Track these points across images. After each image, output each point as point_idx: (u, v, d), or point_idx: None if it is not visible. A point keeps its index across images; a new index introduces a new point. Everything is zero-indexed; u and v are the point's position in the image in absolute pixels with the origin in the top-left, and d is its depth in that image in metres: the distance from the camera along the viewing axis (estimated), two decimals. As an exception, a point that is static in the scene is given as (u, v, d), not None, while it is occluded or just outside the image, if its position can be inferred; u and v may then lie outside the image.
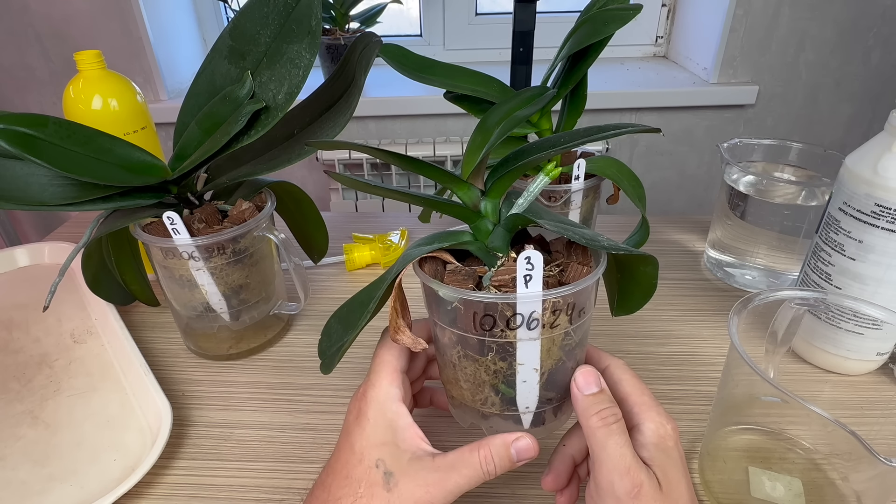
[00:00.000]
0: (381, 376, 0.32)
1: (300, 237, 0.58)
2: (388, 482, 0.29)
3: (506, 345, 0.29)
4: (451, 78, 0.54)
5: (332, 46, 1.17)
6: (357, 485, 0.29)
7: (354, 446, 0.31)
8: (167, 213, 0.42)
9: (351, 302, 0.36)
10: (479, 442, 0.30)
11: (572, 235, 0.29)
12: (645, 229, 0.52)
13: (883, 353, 0.44)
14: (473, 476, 0.29)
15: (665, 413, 0.31)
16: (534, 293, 0.28)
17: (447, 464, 0.29)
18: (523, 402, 0.31)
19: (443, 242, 0.32)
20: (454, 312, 0.30)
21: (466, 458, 0.29)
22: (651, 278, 0.33)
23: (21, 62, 1.22)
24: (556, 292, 0.28)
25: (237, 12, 0.45)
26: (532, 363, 0.30)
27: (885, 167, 0.41)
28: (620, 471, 0.28)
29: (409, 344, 0.32)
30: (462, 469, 0.29)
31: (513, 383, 0.30)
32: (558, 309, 0.29)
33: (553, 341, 0.30)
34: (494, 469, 0.30)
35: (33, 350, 0.53)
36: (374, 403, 0.31)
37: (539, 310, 0.28)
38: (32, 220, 1.44)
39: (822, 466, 0.39)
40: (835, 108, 1.29)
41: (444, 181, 0.32)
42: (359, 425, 0.31)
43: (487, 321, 0.29)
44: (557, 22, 1.10)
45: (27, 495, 0.39)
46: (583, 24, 0.49)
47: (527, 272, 0.27)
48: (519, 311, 0.28)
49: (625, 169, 0.52)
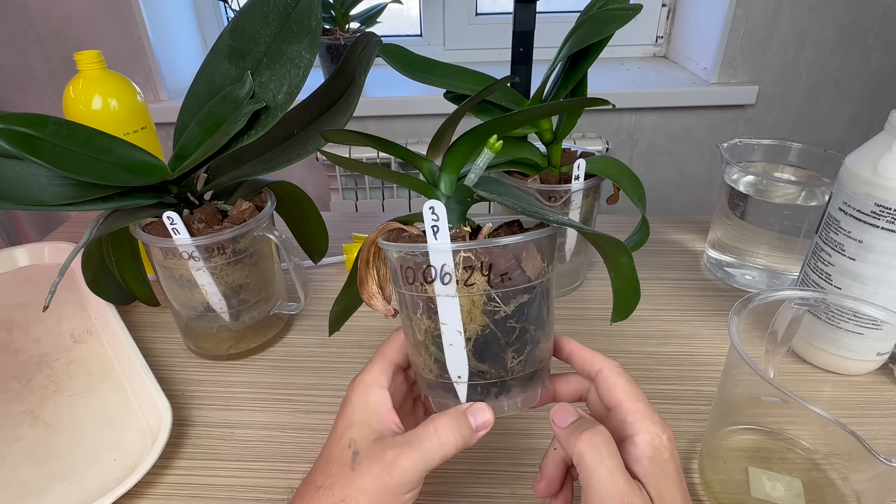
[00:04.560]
0: (374, 364, 0.33)
1: (300, 237, 0.58)
2: (353, 461, 0.29)
3: (427, 300, 0.30)
4: (451, 78, 0.54)
5: (332, 46, 1.17)
6: (331, 465, 0.30)
7: (337, 427, 0.31)
8: (167, 213, 0.42)
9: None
10: (434, 415, 0.30)
11: (509, 203, 0.30)
12: (645, 229, 0.52)
13: (883, 353, 0.44)
14: (430, 449, 0.28)
15: (661, 421, 0.30)
16: (441, 244, 0.29)
17: (403, 440, 0.29)
18: (454, 368, 0.31)
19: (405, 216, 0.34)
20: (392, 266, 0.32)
21: (421, 433, 0.29)
22: (630, 270, 0.33)
23: (21, 62, 1.22)
24: (464, 246, 0.29)
25: (237, 12, 0.45)
26: (454, 324, 0.30)
27: (885, 167, 0.41)
28: (614, 498, 0.26)
29: (380, 309, 0.34)
30: (416, 444, 0.28)
31: (441, 345, 0.31)
32: (471, 266, 0.29)
33: (473, 303, 0.30)
34: (453, 439, 0.28)
35: (33, 350, 0.53)
36: (360, 387, 0.32)
37: (450, 263, 0.29)
38: (32, 220, 1.44)
39: (822, 466, 0.39)
40: (835, 108, 1.29)
41: (408, 158, 0.33)
42: (343, 408, 0.32)
43: (409, 273, 0.30)
44: (557, 22, 1.10)
45: (27, 495, 0.39)
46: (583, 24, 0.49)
47: (433, 223, 0.29)
48: (431, 263, 0.29)
49: (625, 169, 0.52)
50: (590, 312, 0.57)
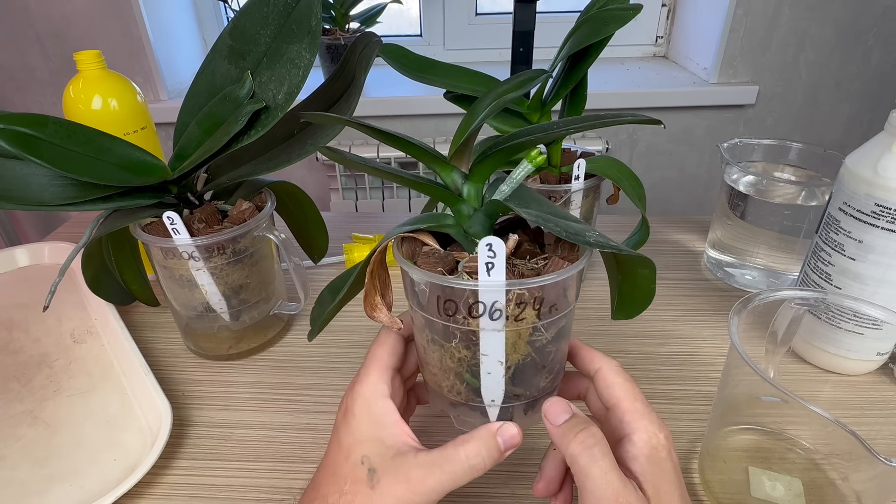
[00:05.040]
0: (370, 372, 0.32)
1: (300, 237, 0.58)
2: (371, 479, 0.29)
3: (469, 333, 0.28)
4: (451, 78, 0.54)
5: (332, 46, 1.17)
6: (343, 481, 0.29)
7: (342, 443, 0.30)
8: (167, 213, 0.42)
9: (344, 276, 0.36)
10: (462, 436, 0.29)
11: (553, 228, 0.27)
12: (645, 229, 0.52)
13: (883, 353, 0.44)
14: (458, 471, 0.28)
15: (658, 421, 0.30)
16: (495, 282, 0.27)
17: (430, 460, 0.28)
18: (488, 394, 0.31)
19: (423, 223, 0.31)
20: (423, 295, 0.29)
21: (450, 455, 0.29)
22: (649, 282, 0.32)
23: (21, 62, 1.22)
24: (520, 284, 0.27)
25: (237, 12, 0.45)
26: (496, 355, 0.29)
27: (885, 167, 0.41)
28: (609, 499, 0.26)
29: (385, 322, 0.31)
30: (445, 465, 0.28)
31: (477, 373, 0.30)
32: (524, 302, 0.27)
33: (519, 335, 0.29)
34: (482, 462, 0.29)
35: (33, 350, 0.53)
36: (361, 399, 0.31)
37: (502, 300, 0.27)
38: (32, 220, 1.44)
39: (822, 466, 0.39)
40: (835, 108, 1.29)
41: (428, 161, 0.31)
42: (345, 421, 0.31)
43: (450, 306, 0.28)
44: (557, 22, 1.10)
45: (27, 495, 0.39)
46: (583, 24, 0.49)
47: (488, 259, 0.26)
48: (481, 300, 0.27)
49: (625, 169, 0.52)
50: (590, 312, 0.57)
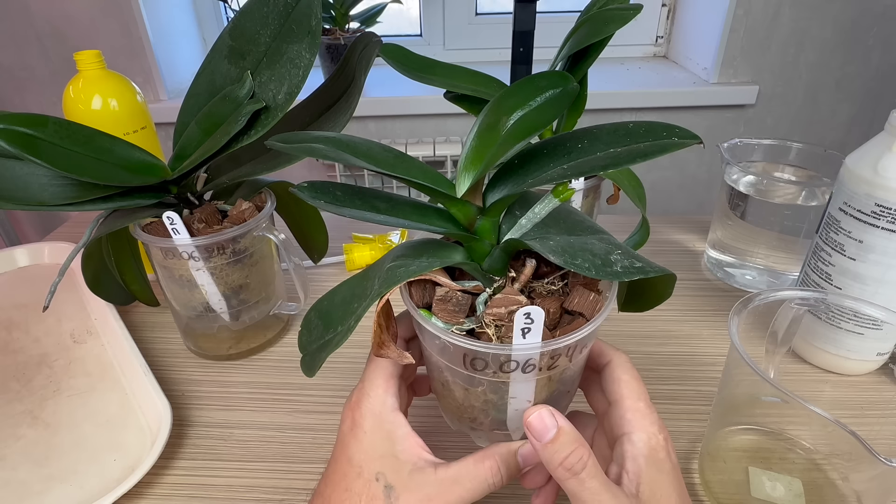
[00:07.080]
0: (376, 384, 0.31)
1: (300, 237, 0.58)
2: (388, 496, 0.28)
3: (498, 383, 0.28)
4: (452, 78, 0.54)
5: (332, 46, 1.17)
6: (357, 498, 0.29)
7: (353, 459, 0.30)
8: (167, 213, 0.42)
9: (332, 296, 0.33)
10: (482, 452, 0.29)
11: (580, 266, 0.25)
12: (645, 229, 0.51)
13: (883, 353, 0.44)
14: (478, 488, 0.28)
15: (659, 421, 0.30)
16: (531, 345, 0.26)
17: (450, 477, 0.28)
18: (514, 425, 0.30)
19: (433, 258, 0.29)
20: (443, 344, 0.28)
21: (471, 471, 0.28)
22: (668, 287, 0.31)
23: (21, 62, 1.22)
24: (557, 343, 0.25)
25: (237, 12, 0.45)
26: (525, 396, 0.28)
27: (885, 167, 0.41)
28: None
29: (394, 358, 0.30)
30: (466, 482, 0.28)
31: (504, 409, 0.29)
32: (558, 354, 0.27)
33: (550, 378, 0.28)
34: (501, 480, 0.29)
35: (33, 350, 0.53)
36: (370, 414, 0.30)
37: (536, 357, 0.26)
38: (32, 220, 1.44)
39: (823, 466, 0.39)
40: (835, 108, 1.29)
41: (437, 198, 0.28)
42: (355, 437, 0.30)
43: (479, 363, 0.27)
44: (557, 22, 1.10)
45: (27, 495, 0.39)
46: (583, 24, 0.49)
47: (525, 325, 0.25)
48: (514, 359, 0.26)
49: (625, 169, 0.52)
50: (590, 312, 0.57)
